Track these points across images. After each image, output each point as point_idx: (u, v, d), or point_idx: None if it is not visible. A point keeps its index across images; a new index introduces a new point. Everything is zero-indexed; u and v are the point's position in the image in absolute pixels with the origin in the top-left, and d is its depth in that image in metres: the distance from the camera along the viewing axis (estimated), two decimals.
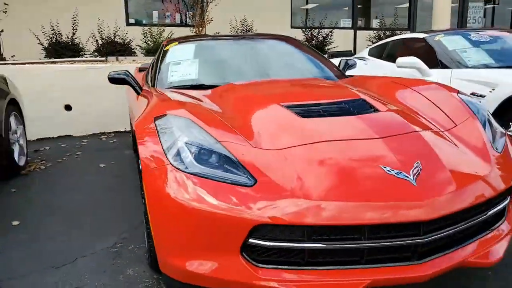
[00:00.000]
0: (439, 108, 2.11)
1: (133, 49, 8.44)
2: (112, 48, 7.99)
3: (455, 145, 1.80)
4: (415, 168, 1.57)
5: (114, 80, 3.12)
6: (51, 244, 2.39)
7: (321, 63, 3.33)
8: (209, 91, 2.56)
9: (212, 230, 1.49)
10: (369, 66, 5.24)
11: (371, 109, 2.01)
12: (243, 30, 9.06)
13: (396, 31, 10.01)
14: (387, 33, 10.08)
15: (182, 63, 3.11)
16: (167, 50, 3.29)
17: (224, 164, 1.58)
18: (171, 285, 1.70)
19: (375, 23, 11.84)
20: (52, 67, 6.26)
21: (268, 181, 1.52)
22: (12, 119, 3.86)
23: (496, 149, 1.84)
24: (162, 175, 1.60)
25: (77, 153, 4.61)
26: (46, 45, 7.69)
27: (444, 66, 4.03)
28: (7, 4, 7.46)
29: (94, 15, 8.31)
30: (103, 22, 8.24)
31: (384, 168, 1.55)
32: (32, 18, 7.89)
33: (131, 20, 9.67)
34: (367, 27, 12.03)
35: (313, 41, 9.45)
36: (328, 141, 1.70)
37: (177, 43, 3.40)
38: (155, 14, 9.98)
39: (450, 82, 3.80)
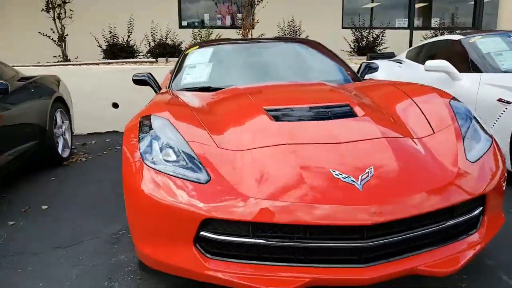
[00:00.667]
0: (424, 114, 2.08)
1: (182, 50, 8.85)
2: (163, 49, 8.45)
3: (422, 153, 1.79)
4: (365, 173, 1.60)
5: (136, 81, 3.40)
6: (66, 226, 2.68)
7: (335, 67, 3.36)
8: (212, 94, 2.71)
9: (170, 222, 1.64)
10: (402, 69, 5.11)
11: (350, 114, 2.05)
12: (290, 31, 9.12)
13: (456, 31, 9.51)
14: (445, 33, 9.61)
15: (197, 66, 3.31)
16: (187, 53, 3.51)
17: (185, 162, 1.73)
18: (143, 269, 1.87)
19: (435, 22, 11.31)
20: (103, 67, 6.81)
21: (221, 180, 1.64)
22: (58, 115, 4.30)
23: (469, 159, 1.80)
24: (135, 169, 1.79)
25: (117, 147, 5.00)
26: (104, 47, 8.35)
27: (476, 70, 3.85)
28: (72, 11, 8.19)
29: (148, 19, 8.83)
30: (157, 26, 8.74)
31: (333, 172, 1.61)
32: (93, 22, 8.58)
33: (184, 23, 10.13)
34: (427, 26, 11.50)
35: (363, 42, 9.29)
36: (288, 144, 1.78)
37: (198, 47, 3.60)
38: (206, 17, 10.38)
39: (478, 87, 3.64)
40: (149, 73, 3.42)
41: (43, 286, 1.99)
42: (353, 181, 1.57)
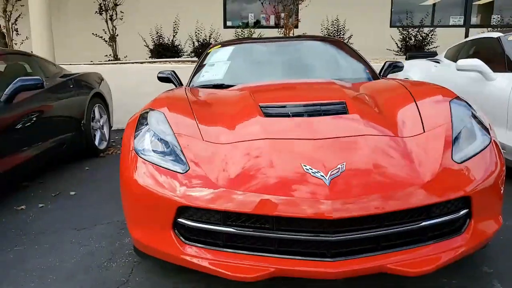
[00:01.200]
0: (420, 114, 2.03)
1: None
2: (206, 49, 8.70)
3: (402, 152, 1.76)
4: (335, 169, 1.61)
5: (161, 78, 3.59)
6: (86, 211, 2.91)
7: (355, 66, 3.33)
8: (219, 90, 2.82)
9: (153, 208, 1.76)
10: (438, 69, 4.91)
11: (341, 112, 2.06)
12: (334, 31, 9.01)
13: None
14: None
15: (216, 64, 3.42)
16: (209, 52, 3.63)
17: (170, 153, 1.84)
18: (137, 253, 2.00)
19: (496, 19, 10.63)
20: (148, 66, 7.17)
21: (198, 170, 1.73)
22: (96, 110, 4.62)
23: (455, 160, 1.74)
24: (129, 159, 1.93)
25: None
26: (151, 47, 8.76)
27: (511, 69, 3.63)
28: (122, 12, 8.68)
29: (193, 20, 9.14)
30: (201, 26, 9.02)
31: (304, 167, 1.64)
32: (141, 23, 9.02)
33: (229, 23, 10.35)
34: (485, 24, 10.83)
35: (411, 41, 8.98)
36: (268, 139, 1.82)
37: (220, 45, 3.71)
38: (251, 17, 10.52)
39: (511, 88, 3.43)
40: (173, 71, 3.59)
41: (52, 261, 2.19)
42: (322, 176, 1.59)
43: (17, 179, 3.41)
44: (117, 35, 8.68)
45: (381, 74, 3.45)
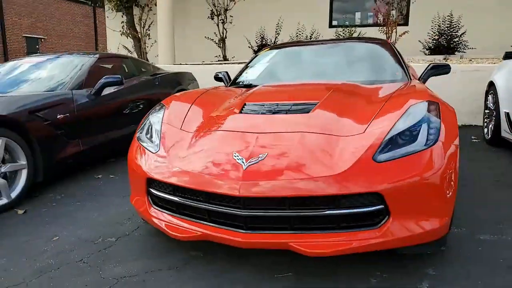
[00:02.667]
0: (376, 115, 2.16)
1: None
2: None
3: (331, 149, 1.93)
4: (256, 157, 1.91)
5: (216, 78, 4.14)
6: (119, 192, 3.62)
7: (386, 68, 3.39)
8: (234, 89, 3.25)
9: (137, 179, 2.29)
10: None
11: (304, 111, 2.30)
12: (446, 28, 8.43)
13: None
14: None
15: (255, 66, 3.82)
16: (256, 55, 4.05)
17: (151, 137, 2.35)
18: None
19: None
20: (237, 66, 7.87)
21: (164, 151, 2.20)
22: None
23: (376, 159, 1.86)
24: (133, 143, 2.50)
25: None
26: (255, 48, 9.48)
27: None
28: (231, 16, 9.58)
29: (296, 21, 9.55)
30: (303, 27, 9.39)
31: (233, 154, 1.97)
32: (247, 26, 9.79)
33: (334, 22, 10.45)
34: None
35: None
36: (223, 130, 2.19)
37: (269, 49, 4.09)
38: (357, 15, 10.44)
39: None
40: (226, 72, 4.11)
41: (93, 214, 2.91)
42: (243, 162, 1.91)
43: (96, 156, 4.23)
44: (226, 38, 9.62)
45: (422, 76, 3.41)
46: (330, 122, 2.17)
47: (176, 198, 2.06)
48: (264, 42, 9.39)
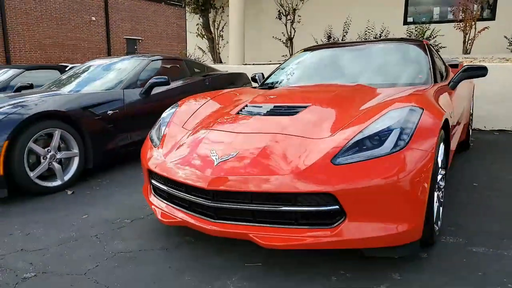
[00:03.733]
0: (354, 118, 2.21)
1: None
2: None
3: (299, 150, 2.04)
4: (227, 155, 2.10)
5: (252, 79, 4.37)
6: None
7: (413, 70, 3.33)
8: (249, 89, 3.44)
9: (144, 170, 2.62)
10: None
11: (291, 113, 2.43)
12: None
13: None
14: None
15: (285, 68, 3.96)
16: (290, 57, 4.18)
17: (158, 134, 2.66)
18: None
19: None
20: None
21: (163, 147, 2.48)
22: None
23: (334, 162, 1.92)
24: (146, 141, 2.83)
25: None
26: None
27: None
28: (299, 16, 9.69)
29: (366, 18, 9.34)
30: (373, 25, 9.15)
31: (210, 151, 2.18)
32: (315, 25, 9.82)
33: (409, 19, 9.99)
34: None
35: None
36: (213, 129, 2.40)
37: (302, 50, 4.20)
38: (436, 10, 9.85)
39: None
40: (262, 73, 4.31)
41: (126, 200, 3.33)
42: (216, 158, 2.11)
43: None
44: (293, 37, 9.77)
45: (453, 79, 3.29)
46: (307, 124, 2.27)
47: (166, 188, 2.34)
48: (330, 41, 9.34)
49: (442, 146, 2.39)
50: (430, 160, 2.00)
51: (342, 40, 9.27)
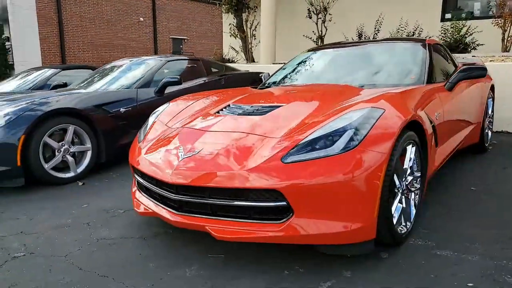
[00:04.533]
0: (321, 117, 2.28)
1: None
2: None
3: (255, 148, 2.13)
4: (191, 152, 2.23)
5: (260, 78, 4.48)
6: None
7: (403, 71, 3.31)
8: (239, 89, 3.55)
9: (130, 165, 2.82)
10: None
11: (260, 113, 2.52)
12: None
13: None
14: None
15: (287, 68, 4.03)
16: (295, 57, 4.24)
17: (143, 130, 2.84)
18: None
19: None
20: None
21: (144, 143, 2.66)
22: None
23: (284, 160, 2.00)
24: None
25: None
26: None
27: None
28: (330, 15, 9.62)
29: (400, 15, 9.11)
30: (407, 22, 8.91)
31: (179, 147, 2.33)
32: (346, 24, 9.69)
33: (448, 15, 9.60)
34: None
35: None
36: (189, 128, 2.55)
37: (307, 51, 4.24)
38: (476, 6, 9.39)
39: None
40: (268, 73, 4.41)
41: (127, 192, 3.56)
42: (181, 155, 2.26)
43: None
44: (324, 36, 9.72)
45: (449, 81, 3.23)
46: (272, 124, 2.35)
47: (142, 181, 2.53)
48: (360, 39, 9.20)
49: (412, 148, 2.39)
50: (383, 162, 2.02)
51: (373, 39, 9.10)
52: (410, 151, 2.37)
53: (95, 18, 25.10)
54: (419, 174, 2.53)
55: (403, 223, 2.37)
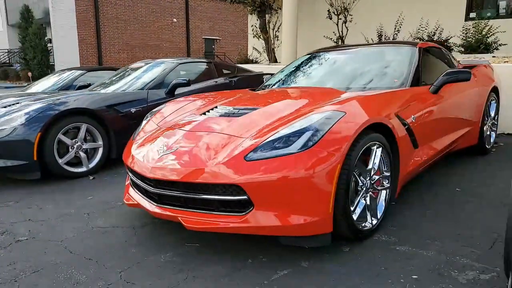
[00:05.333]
0: (286, 119, 2.45)
1: (450, 47, 8.52)
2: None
3: (223, 148, 2.33)
4: (170, 150, 2.47)
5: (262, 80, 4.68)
6: None
7: (389, 75, 3.42)
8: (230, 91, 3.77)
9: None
10: None
11: (236, 115, 2.72)
12: None
13: None
14: None
15: (284, 71, 4.20)
16: (294, 60, 4.40)
17: (138, 129, 3.11)
18: None
19: None
20: None
21: (137, 141, 2.92)
22: None
23: (246, 158, 2.19)
24: None
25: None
26: None
27: None
28: (351, 15, 9.64)
29: (421, 15, 9.02)
30: (427, 22, 8.80)
31: (160, 146, 2.57)
32: (366, 24, 9.67)
33: (472, 15, 9.39)
34: None
35: None
36: (174, 127, 2.78)
37: (307, 54, 4.39)
38: (502, 4, 9.13)
39: None
40: (271, 74, 4.59)
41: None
42: (160, 152, 2.50)
43: None
44: (345, 37, 9.75)
45: (434, 84, 3.31)
46: (243, 125, 2.55)
47: (131, 175, 2.79)
48: (380, 40, 9.17)
49: (378, 150, 2.51)
50: (338, 161, 2.17)
51: (392, 40, 9.06)
52: (375, 152, 2.50)
53: (130, 20, 26.02)
54: (388, 174, 2.65)
55: (369, 219, 2.50)
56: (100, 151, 4.37)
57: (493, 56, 7.11)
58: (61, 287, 2.10)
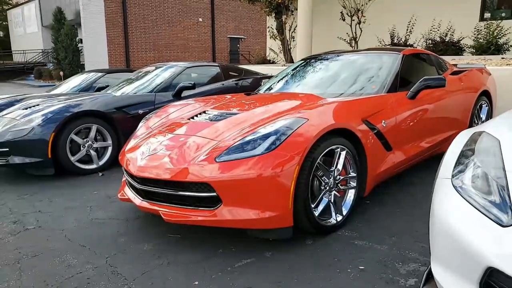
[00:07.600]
0: (258, 124, 2.72)
1: (462, 47, 8.50)
2: (435, 47, 8.51)
3: (198, 149, 2.62)
4: (155, 150, 2.78)
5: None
6: None
7: (367, 81, 3.62)
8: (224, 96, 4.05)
9: None
10: None
11: (216, 120, 3.01)
12: None
13: None
14: None
15: (278, 76, 4.45)
16: (289, 65, 4.64)
17: (133, 132, 3.45)
18: None
19: None
20: None
21: (131, 143, 3.25)
22: None
23: (217, 159, 2.47)
24: None
25: None
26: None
27: None
28: (364, 16, 9.71)
29: (433, 16, 9.02)
30: (440, 23, 8.81)
31: (148, 147, 2.88)
32: (380, 25, 9.72)
33: (487, 15, 9.30)
34: None
35: None
36: (162, 130, 3.10)
37: (301, 60, 4.62)
38: None
39: None
40: (269, 78, 4.85)
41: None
42: (146, 152, 2.82)
43: None
44: (358, 38, 9.84)
45: (411, 90, 3.48)
46: (221, 129, 2.83)
47: (125, 174, 3.13)
48: (393, 41, 9.23)
49: (342, 152, 2.74)
50: (297, 163, 2.42)
51: (404, 41, 9.10)
52: (339, 154, 2.73)
53: (157, 20, 26.69)
54: (355, 174, 2.87)
55: (333, 216, 2.74)
56: (110, 149, 4.76)
57: (502, 58, 7.08)
58: (55, 269, 2.45)
